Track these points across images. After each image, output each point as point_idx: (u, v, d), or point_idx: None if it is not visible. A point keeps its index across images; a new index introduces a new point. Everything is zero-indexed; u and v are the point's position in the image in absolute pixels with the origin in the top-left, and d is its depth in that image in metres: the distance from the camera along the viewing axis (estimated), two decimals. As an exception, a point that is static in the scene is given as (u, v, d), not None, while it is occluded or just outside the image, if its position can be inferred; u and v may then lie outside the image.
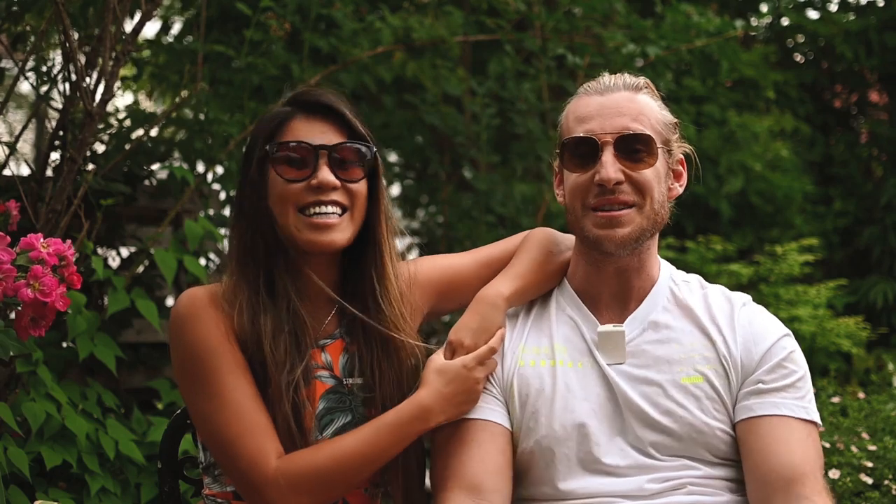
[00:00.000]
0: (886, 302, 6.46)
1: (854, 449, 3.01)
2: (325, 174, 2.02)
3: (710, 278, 4.80)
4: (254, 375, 2.02)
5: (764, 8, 7.28)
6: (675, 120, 2.18)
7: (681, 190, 2.19)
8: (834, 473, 2.88)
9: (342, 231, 2.05)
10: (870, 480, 2.88)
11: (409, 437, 2.02)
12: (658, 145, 2.09)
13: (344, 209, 2.06)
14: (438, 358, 2.10)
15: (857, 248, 6.93)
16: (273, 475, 1.94)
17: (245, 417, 1.97)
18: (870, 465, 2.93)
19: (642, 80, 2.17)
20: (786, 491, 1.98)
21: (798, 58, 7.45)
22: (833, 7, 7.10)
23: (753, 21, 7.16)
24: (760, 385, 2.06)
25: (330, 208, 2.03)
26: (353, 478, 2.00)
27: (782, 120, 6.65)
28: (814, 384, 3.85)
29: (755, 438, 2.04)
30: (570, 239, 2.25)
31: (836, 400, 3.53)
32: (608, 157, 2.05)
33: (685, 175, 2.20)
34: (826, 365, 4.84)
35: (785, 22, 7.20)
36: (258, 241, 2.06)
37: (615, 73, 2.20)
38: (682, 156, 2.19)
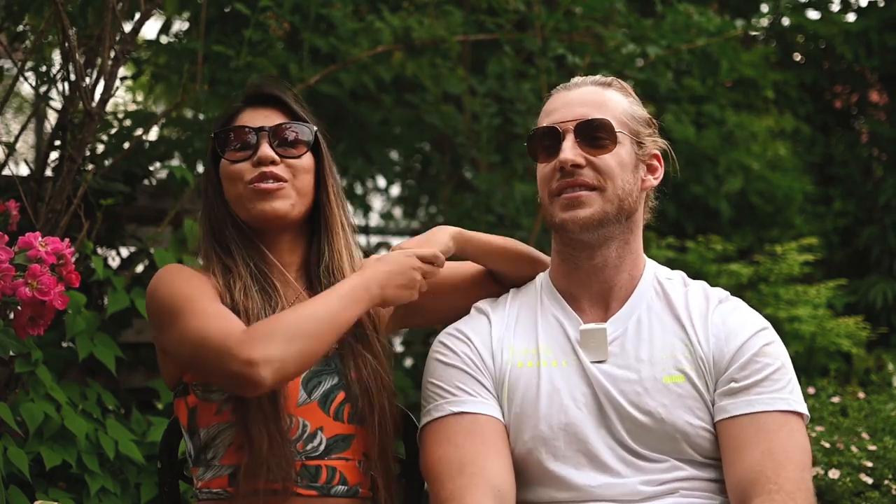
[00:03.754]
0: (886, 302, 6.45)
1: (854, 449, 3.01)
2: (265, 149, 2.14)
3: (710, 278, 4.81)
4: None
5: (764, 8, 7.27)
6: (649, 116, 2.24)
7: (655, 182, 2.23)
8: (834, 473, 2.88)
9: (284, 198, 2.14)
10: (870, 480, 2.88)
11: (356, 303, 2.03)
12: (619, 131, 2.14)
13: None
14: None
15: (856, 248, 6.92)
16: (243, 335, 1.93)
17: (213, 311, 2.00)
18: (870, 465, 2.93)
19: (611, 78, 2.26)
20: (748, 494, 1.96)
21: (798, 58, 7.44)
22: (833, 7, 7.10)
23: (753, 21, 7.15)
24: (733, 384, 2.06)
25: (271, 181, 2.14)
26: (314, 331, 1.97)
27: (782, 120, 6.64)
28: (814, 384, 3.90)
29: (726, 440, 2.04)
30: (548, 262, 2.30)
31: (836, 400, 3.53)
32: (568, 142, 2.13)
33: (661, 169, 2.24)
34: (826, 365, 4.84)
35: (785, 22, 7.19)
36: (222, 233, 2.19)
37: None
38: (657, 151, 2.23)
